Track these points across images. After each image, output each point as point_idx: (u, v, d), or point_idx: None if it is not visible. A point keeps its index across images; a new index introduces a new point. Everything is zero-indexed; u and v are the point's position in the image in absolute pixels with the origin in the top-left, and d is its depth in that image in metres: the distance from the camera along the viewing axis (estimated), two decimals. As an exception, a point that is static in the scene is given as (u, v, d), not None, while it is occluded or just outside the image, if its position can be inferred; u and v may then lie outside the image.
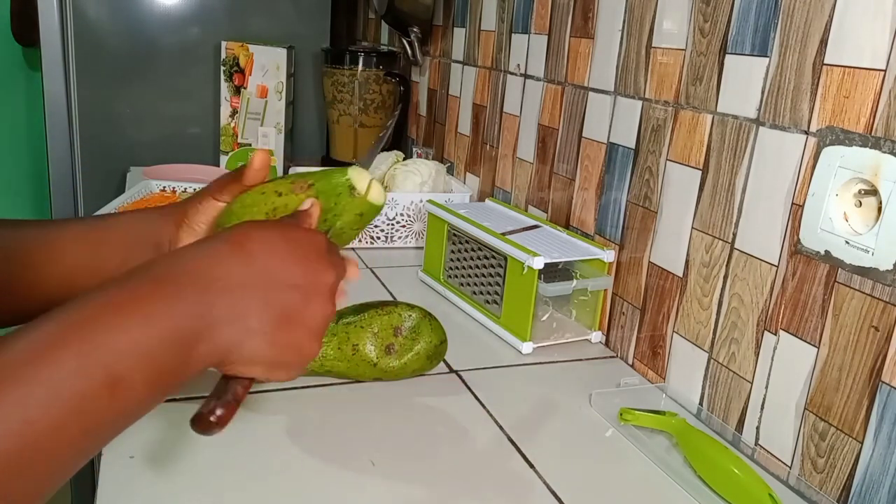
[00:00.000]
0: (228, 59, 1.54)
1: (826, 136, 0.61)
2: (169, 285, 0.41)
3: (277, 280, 0.45)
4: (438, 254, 1.03)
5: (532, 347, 0.86)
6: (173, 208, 0.62)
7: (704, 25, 0.75)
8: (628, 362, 0.87)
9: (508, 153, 1.17)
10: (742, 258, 0.70)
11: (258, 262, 0.44)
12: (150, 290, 0.41)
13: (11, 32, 2.22)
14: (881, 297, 0.56)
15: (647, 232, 0.84)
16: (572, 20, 0.99)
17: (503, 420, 0.71)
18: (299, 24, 1.76)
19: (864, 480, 0.58)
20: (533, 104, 1.09)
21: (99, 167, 1.66)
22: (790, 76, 0.65)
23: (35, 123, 2.29)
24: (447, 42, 1.42)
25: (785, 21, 0.65)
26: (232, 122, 1.58)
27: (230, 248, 0.45)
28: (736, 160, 0.71)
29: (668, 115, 0.80)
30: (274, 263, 0.45)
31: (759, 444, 0.69)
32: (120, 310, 0.39)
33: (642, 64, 0.84)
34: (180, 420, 0.65)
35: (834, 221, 0.60)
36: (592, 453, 0.68)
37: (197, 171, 1.55)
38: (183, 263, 0.43)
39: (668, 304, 0.80)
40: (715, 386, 0.74)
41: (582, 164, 0.97)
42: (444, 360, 0.82)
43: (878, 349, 0.57)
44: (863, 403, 0.58)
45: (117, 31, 1.62)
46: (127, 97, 1.66)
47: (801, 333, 0.64)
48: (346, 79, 1.57)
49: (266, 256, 0.45)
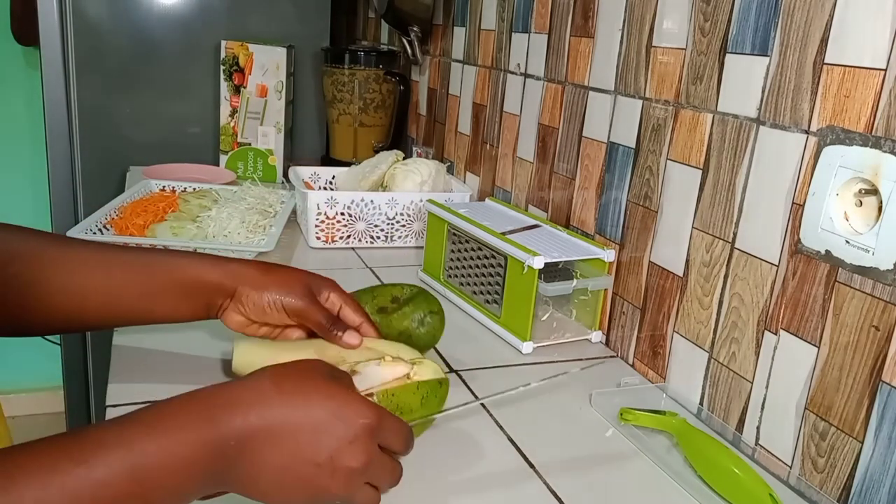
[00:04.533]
0: (228, 59, 1.54)
1: (826, 136, 0.61)
2: (205, 425, 0.44)
3: (302, 455, 0.46)
4: (438, 253, 1.03)
5: (532, 347, 0.86)
6: (230, 273, 0.66)
7: (705, 25, 0.74)
8: (628, 362, 0.87)
9: (508, 152, 1.17)
10: (742, 258, 0.70)
11: (289, 442, 0.46)
12: (187, 420, 0.44)
13: (11, 32, 2.21)
14: (881, 296, 0.56)
15: (647, 231, 0.84)
16: (572, 19, 0.99)
17: (503, 419, 0.71)
18: (299, 23, 1.76)
19: (865, 480, 0.58)
20: (533, 103, 1.09)
21: (98, 166, 1.66)
22: (790, 75, 0.64)
23: (35, 123, 2.29)
24: (447, 41, 1.42)
25: (785, 20, 0.65)
26: (231, 121, 1.58)
27: (279, 401, 0.46)
28: (736, 160, 0.71)
29: (668, 114, 0.80)
30: (306, 438, 0.46)
31: (759, 443, 0.68)
32: (157, 431, 0.43)
33: (642, 63, 0.84)
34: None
35: (834, 221, 0.60)
36: (592, 453, 0.68)
37: (197, 171, 1.55)
38: (232, 410, 0.45)
39: (668, 303, 0.80)
40: (715, 386, 0.74)
41: (582, 164, 0.97)
42: (443, 360, 0.82)
43: (879, 349, 0.57)
44: (863, 403, 0.58)
45: (117, 30, 1.62)
46: (127, 97, 1.66)
47: (801, 333, 0.64)
48: (345, 78, 1.57)
49: (300, 435, 0.46)
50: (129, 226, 1.09)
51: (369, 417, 0.48)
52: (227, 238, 1.08)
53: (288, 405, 0.46)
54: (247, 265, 0.68)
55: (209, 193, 1.23)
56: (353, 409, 0.48)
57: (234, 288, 0.66)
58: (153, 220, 1.11)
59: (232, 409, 0.45)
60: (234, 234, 1.09)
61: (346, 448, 0.47)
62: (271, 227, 1.11)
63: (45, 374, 2.42)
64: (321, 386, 0.48)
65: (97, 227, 1.07)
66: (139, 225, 1.09)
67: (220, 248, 1.03)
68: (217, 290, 0.66)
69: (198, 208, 1.15)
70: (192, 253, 0.70)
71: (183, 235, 1.07)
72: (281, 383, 0.47)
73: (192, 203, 1.17)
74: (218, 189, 1.27)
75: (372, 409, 0.49)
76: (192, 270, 0.65)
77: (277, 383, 0.47)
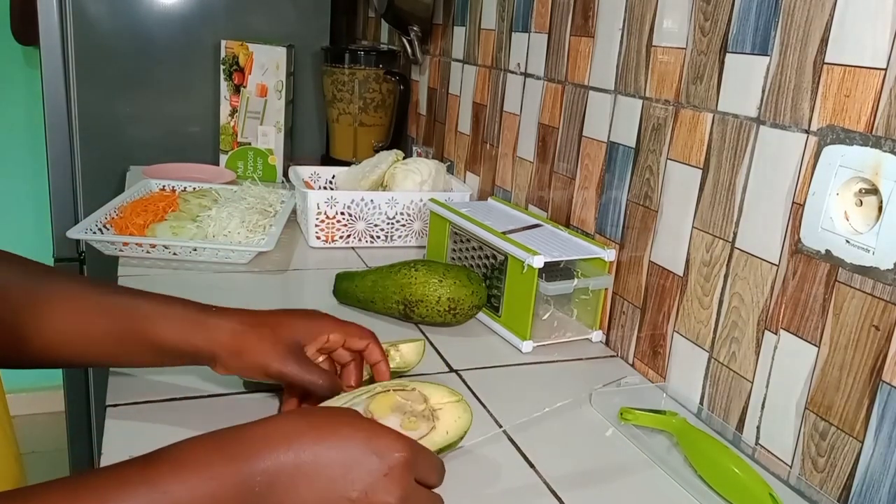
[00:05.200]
0: (228, 58, 1.54)
1: (827, 135, 0.61)
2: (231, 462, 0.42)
3: (335, 490, 0.44)
4: (440, 252, 1.03)
5: (532, 346, 0.86)
6: (206, 338, 0.61)
7: (705, 24, 0.74)
8: (629, 361, 0.87)
9: (508, 152, 1.17)
10: (742, 257, 0.70)
11: (320, 477, 0.44)
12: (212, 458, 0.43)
13: (11, 32, 2.21)
14: (882, 296, 0.56)
15: (647, 231, 0.84)
16: (572, 19, 0.99)
17: (503, 419, 0.71)
18: (299, 22, 1.76)
19: (865, 480, 0.58)
20: (533, 103, 1.09)
21: (98, 166, 1.66)
22: (791, 75, 0.64)
23: (35, 122, 2.29)
24: (447, 41, 1.42)
25: (785, 20, 0.65)
26: (231, 120, 1.57)
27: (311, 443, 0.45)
28: (736, 159, 0.71)
29: (668, 113, 0.80)
30: (338, 472, 0.44)
31: (759, 443, 0.68)
32: (182, 469, 0.41)
33: (643, 63, 0.84)
34: (179, 420, 0.65)
35: (834, 220, 0.60)
36: (592, 453, 0.68)
37: (196, 171, 1.55)
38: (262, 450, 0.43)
39: (668, 303, 0.80)
40: (715, 385, 0.74)
41: (582, 163, 0.97)
42: (443, 360, 0.82)
43: (879, 348, 0.57)
44: (863, 403, 0.58)
45: (117, 29, 1.62)
46: (126, 96, 1.66)
47: (801, 333, 0.64)
48: (345, 77, 1.57)
49: (331, 470, 0.44)
50: (129, 225, 1.09)
51: (404, 450, 0.46)
52: (227, 238, 1.08)
53: (318, 439, 0.44)
54: (227, 321, 0.62)
55: (209, 193, 1.23)
56: (387, 442, 0.46)
57: (212, 353, 0.61)
58: (153, 220, 1.11)
59: (259, 444, 0.43)
60: (234, 233, 1.09)
61: (381, 482, 0.45)
62: (271, 227, 1.11)
63: (45, 374, 2.41)
64: (353, 420, 0.47)
65: (97, 226, 1.07)
66: (139, 224, 1.09)
67: (220, 247, 1.03)
68: (195, 354, 0.62)
69: (198, 208, 1.15)
70: (172, 304, 0.63)
71: (183, 235, 1.07)
72: (310, 418, 0.46)
73: (192, 203, 1.17)
74: (218, 189, 1.27)
75: (406, 442, 0.47)
76: (167, 332, 0.61)
77: (306, 418, 0.46)
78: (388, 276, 0.89)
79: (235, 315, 0.63)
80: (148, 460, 0.42)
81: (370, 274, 0.91)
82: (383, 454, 0.45)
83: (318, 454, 0.44)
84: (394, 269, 0.90)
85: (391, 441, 0.46)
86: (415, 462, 0.47)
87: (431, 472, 0.49)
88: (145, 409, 0.67)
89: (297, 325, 0.64)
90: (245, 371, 0.63)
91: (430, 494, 0.49)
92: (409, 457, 0.46)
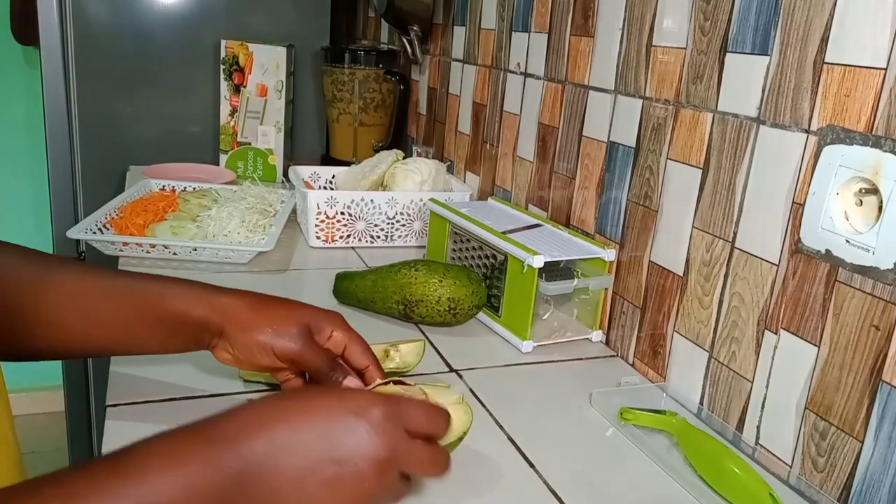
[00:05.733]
0: (228, 58, 1.54)
1: (827, 135, 0.61)
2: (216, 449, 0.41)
3: (316, 455, 0.43)
4: (440, 252, 1.03)
5: (532, 346, 0.86)
6: (218, 310, 0.61)
7: (705, 24, 0.74)
8: (629, 361, 0.87)
9: (508, 152, 1.17)
10: (742, 257, 0.70)
11: (299, 447, 0.42)
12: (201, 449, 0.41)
13: (11, 31, 2.21)
14: (882, 296, 0.56)
15: (647, 231, 0.84)
16: (572, 19, 0.99)
17: (503, 419, 0.71)
18: (299, 22, 1.76)
19: (865, 479, 0.58)
20: (533, 103, 1.09)
21: (98, 166, 1.66)
22: (791, 75, 0.64)
23: (35, 122, 2.29)
24: (447, 40, 1.42)
25: (785, 20, 0.65)
26: (231, 120, 1.57)
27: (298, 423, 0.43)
28: (736, 159, 0.71)
29: (668, 113, 0.80)
30: (314, 436, 0.43)
31: (759, 443, 0.68)
32: (156, 458, 0.40)
33: (643, 62, 0.84)
34: (179, 420, 0.65)
35: (834, 220, 0.60)
36: (592, 453, 0.68)
37: (196, 170, 1.55)
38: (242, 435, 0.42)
39: (668, 303, 0.80)
40: (715, 385, 0.74)
41: (582, 163, 0.97)
42: (443, 359, 0.82)
43: (879, 348, 0.57)
44: (863, 403, 0.58)
45: (117, 29, 1.62)
46: (126, 96, 1.66)
47: (801, 332, 0.64)
48: (345, 77, 1.57)
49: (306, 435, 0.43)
50: (129, 225, 1.09)
51: (381, 403, 0.44)
52: (227, 237, 1.08)
53: (292, 414, 0.43)
54: (238, 298, 0.62)
55: (209, 193, 1.23)
56: (362, 401, 0.44)
57: (221, 326, 0.61)
58: (153, 220, 1.11)
59: (233, 428, 0.42)
60: (234, 233, 1.09)
61: (365, 438, 0.43)
62: (271, 227, 1.11)
63: (45, 374, 2.41)
64: (325, 392, 0.46)
65: (97, 226, 1.07)
66: (139, 224, 1.09)
67: (220, 247, 1.03)
68: (203, 327, 0.61)
69: (198, 208, 1.15)
70: (181, 281, 0.63)
71: (183, 235, 1.07)
72: (284, 400, 0.45)
73: (192, 202, 1.16)
74: (218, 188, 1.27)
75: (383, 397, 0.45)
76: (178, 304, 0.60)
77: (280, 400, 0.45)
78: (388, 276, 0.89)
79: (246, 293, 0.64)
80: (118, 454, 0.40)
81: (370, 274, 0.91)
82: (360, 412, 0.44)
83: (295, 428, 0.43)
84: (394, 269, 0.90)
85: (366, 399, 0.45)
86: (399, 413, 0.45)
87: (423, 419, 0.47)
88: (145, 409, 0.67)
89: (310, 312, 0.64)
90: (249, 351, 0.61)
91: (428, 446, 0.47)
92: (389, 409, 0.44)
